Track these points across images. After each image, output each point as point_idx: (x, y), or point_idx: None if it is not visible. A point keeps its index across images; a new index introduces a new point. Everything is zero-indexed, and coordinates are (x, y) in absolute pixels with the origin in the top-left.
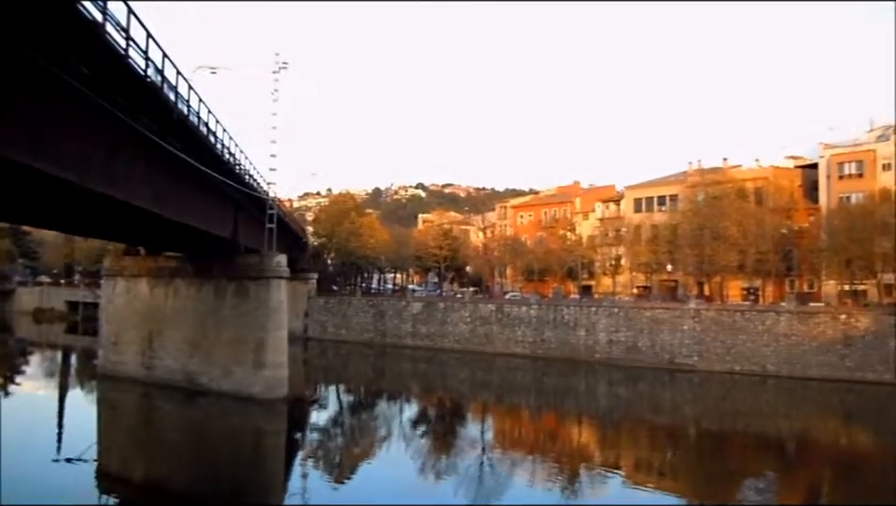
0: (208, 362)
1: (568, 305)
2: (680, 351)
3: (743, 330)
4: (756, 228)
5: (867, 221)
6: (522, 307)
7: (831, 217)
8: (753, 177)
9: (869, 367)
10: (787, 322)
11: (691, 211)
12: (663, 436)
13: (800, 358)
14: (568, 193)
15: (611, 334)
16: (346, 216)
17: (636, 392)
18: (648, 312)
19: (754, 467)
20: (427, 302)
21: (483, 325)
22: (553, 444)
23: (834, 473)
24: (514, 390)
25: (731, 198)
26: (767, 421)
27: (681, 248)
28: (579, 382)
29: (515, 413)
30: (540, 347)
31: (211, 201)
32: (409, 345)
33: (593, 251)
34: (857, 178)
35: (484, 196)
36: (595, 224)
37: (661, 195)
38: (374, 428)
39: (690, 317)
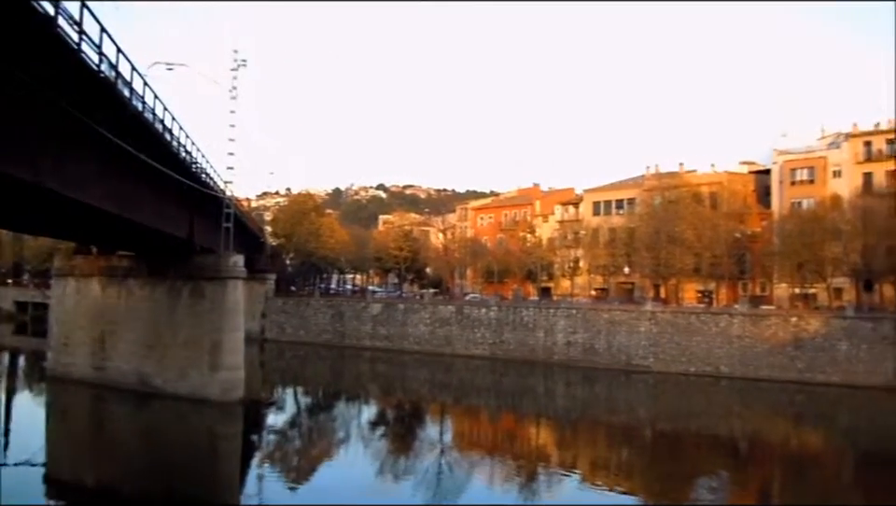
0: (162, 364)
1: (528, 307)
2: (637, 352)
3: (697, 331)
4: (711, 232)
5: (818, 226)
6: (481, 309)
7: (783, 222)
8: (708, 182)
9: (818, 368)
10: (740, 324)
11: (647, 215)
12: (619, 436)
13: (752, 360)
14: (528, 196)
15: (569, 336)
16: (306, 216)
17: (593, 393)
18: (605, 314)
19: (707, 466)
20: (386, 303)
21: (442, 326)
22: (511, 445)
23: (784, 473)
24: (473, 391)
25: (686, 202)
26: (720, 421)
27: (638, 251)
28: (537, 383)
29: (474, 414)
30: (500, 349)
31: (166, 199)
32: (368, 347)
33: (552, 253)
34: (808, 184)
35: (445, 198)
36: (555, 226)
37: (619, 199)
38: (332, 430)
39: (646, 319)
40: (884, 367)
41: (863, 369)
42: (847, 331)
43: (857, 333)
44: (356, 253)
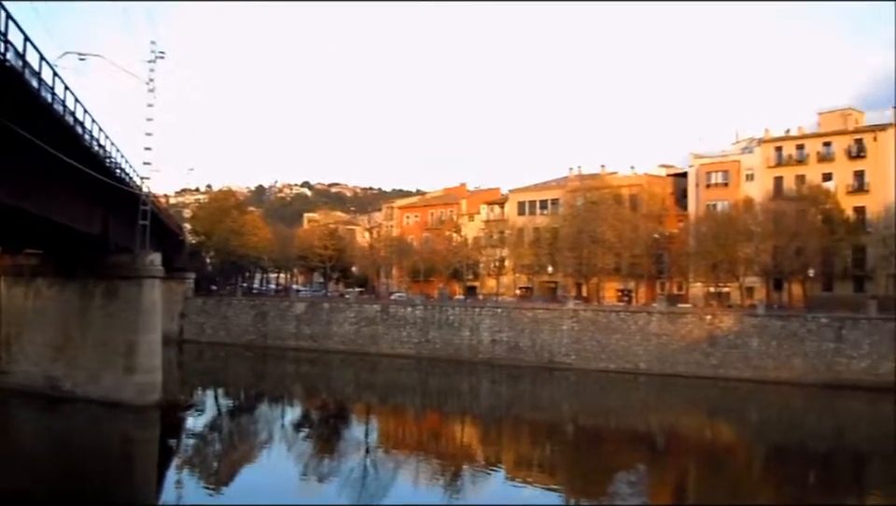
0: (73, 367)
1: (453, 306)
2: (559, 350)
3: (617, 329)
4: (631, 232)
5: (731, 228)
6: (407, 308)
7: (698, 224)
8: (629, 184)
9: (731, 365)
10: (658, 322)
11: (571, 215)
12: (542, 432)
13: (669, 357)
14: (455, 195)
15: (494, 334)
16: (227, 213)
17: (517, 390)
18: (529, 312)
19: (626, 461)
20: (311, 302)
21: (368, 326)
22: (436, 443)
23: (699, 465)
24: (399, 391)
25: (608, 203)
26: (638, 417)
27: (561, 251)
28: (462, 381)
29: (399, 413)
30: (425, 348)
31: (77, 195)
32: (292, 347)
33: (478, 252)
34: (723, 187)
35: (371, 196)
36: (481, 226)
37: (543, 199)
38: (255, 433)
39: (568, 318)
40: (792, 363)
41: (773, 365)
42: (757, 329)
43: (767, 331)
44: (279, 252)
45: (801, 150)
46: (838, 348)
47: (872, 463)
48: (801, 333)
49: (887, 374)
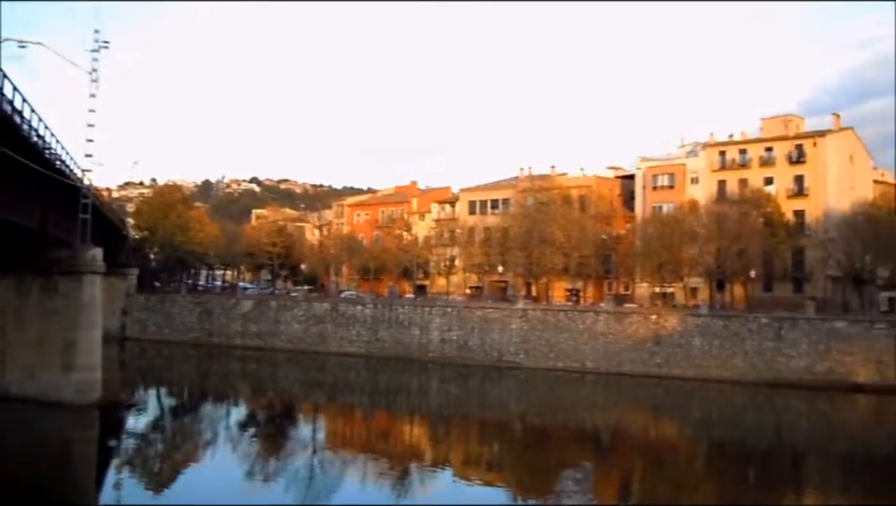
0: (8, 365)
1: (403, 305)
2: (509, 349)
3: (566, 328)
4: (579, 233)
5: (676, 230)
6: (357, 306)
7: (645, 225)
8: (578, 185)
9: (675, 363)
10: (605, 322)
11: (521, 215)
12: (491, 431)
13: (616, 355)
14: (406, 194)
15: (444, 333)
16: (172, 208)
17: (466, 389)
18: (479, 311)
19: (574, 458)
20: (258, 300)
21: (316, 324)
22: (385, 442)
23: (644, 462)
24: (348, 390)
25: (557, 204)
26: (585, 414)
27: (512, 250)
28: (412, 380)
29: (348, 412)
30: (375, 346)
31: (14, 187)
32: (238, 345)
33: (428, 251)
34: (669, 190)
35: (321, 193)
36: (431, 225)
37: (494, 199)
38: (199, 432)
39: (518, 317)
40: (733, 362)
41: (715, 364)
42: (700, 329)
43: (709, 330)
44: (226, 248)
45: (744, 155)
46: (777, 348)
47: (808, 459)
48: (742, 333)
49: (824, 373)
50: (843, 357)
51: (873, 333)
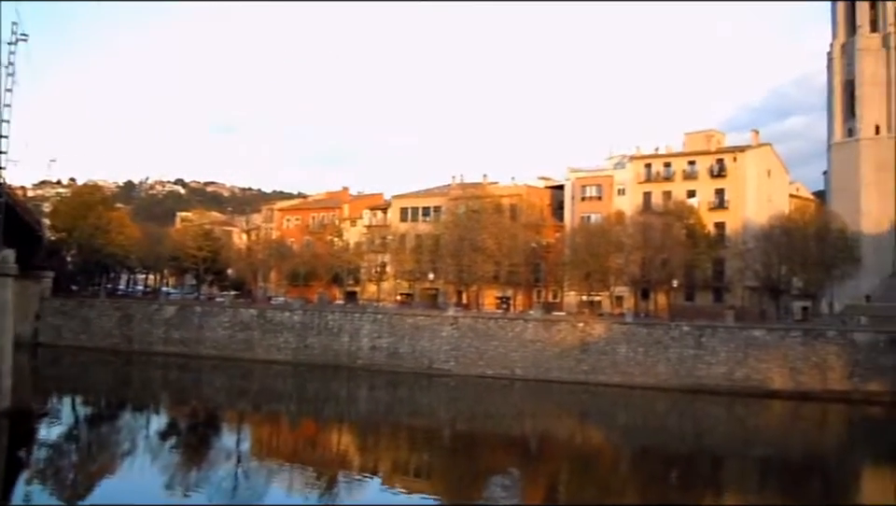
0: None
1: (333, 311)
2: (439, 356)
3: (495, 336)
4: (510, 241)
5: (603, 239)
6: (285, 312)
7: (573, 235)
8: (509, 194)
9: (601, 371)
10: (533, 329)
11: (452, 223)
12: (420, 438)
13: (544, 363)
14: (337, 199)
15: (374, 340)
16: (92, 209)
17: (395, 397)
18: (410, 318)
19: (502, 464)
20: (182, 305)
21: (243, 330)
22: (312, 451)
23: (570, 467)
24: (274, 398)
25: (489, 212)
26: (514, 421)
27: (443, 258)
28: (340, 388)
29: (274, 421)
30: (303, 354)
31: None
32: (160, 352)
33: (359, 258)
34: (596, 200)
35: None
36: (363, 231)
37: (426, 206)
38: (116, 443)
39: (448, 324)
40: (657, 369)
41: (639, 370)
42: (626, 336)
43: (634, 338)
44: (149, 252)
45: (668, 168)
46: (698, 355)
47: (727, 462)
48: (665, 341)
49: (742, 380)
50: (760, 364)
51: (787, 341)
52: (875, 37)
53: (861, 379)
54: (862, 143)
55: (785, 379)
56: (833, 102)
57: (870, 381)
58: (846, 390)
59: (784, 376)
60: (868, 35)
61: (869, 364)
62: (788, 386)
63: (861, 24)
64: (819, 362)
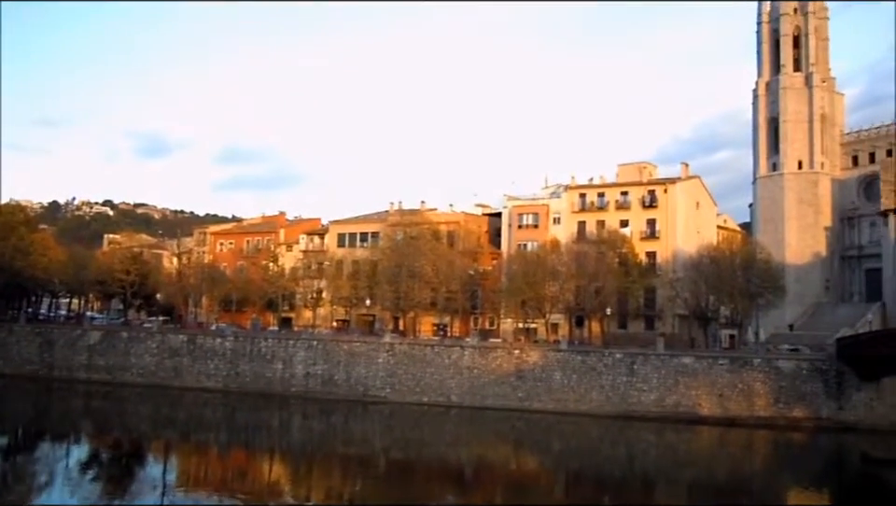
0: None
1: (266, 337)
2: (374, 384)
3: (432, 363)
4: (447, 268)
5: (539, 267)
6: (216, 338)
7: (510, 262)
8: (447, 221)
9: (536, 397)
10: (470, 356)
11: (390, 249)
12: (354, 467)
13: (480, 390)
14: (273, 223)
15: (309, 367)
16: (13, 230)
17: (329, 425)
18: (345, 345)
19: (436, 493)
20: (107, 331)
21: (171, 357)
22: (242, 481)
23: (505, 495)
24: (203, 426)
25: (426, 239)
26: (449, 449)
27: (380, 284)
28: (273, 416)
29: (202, 451)
30: (235, 381)
31: None
32: (83, 379)
33: (295, 283)
34: (533, 229)
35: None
36: (299, 256)
37: (364, 232)
38: (32, 474)
39: (385, 351)
40: (590, 395)
41: (573, 397)
42: (560, 363)
43: (569, 365)
44: (73, 275)
45: (602, 198)
46: (630, 382)
47: (657, 486)
48: (599, 368)
49: (672, 406)
50: (689, 391)
51: (716, 369)
52: (798, 76)
53: (784, 405)
54: (786, 177)
55: (713, 406)
56: (759, 137)
57: (793, 407)
58: (770, 416)
59: (712, 403)
60: (791, 75)
61: (792, 391)
62: (716, 412)
63: (784, 64)
64: (746, 389)
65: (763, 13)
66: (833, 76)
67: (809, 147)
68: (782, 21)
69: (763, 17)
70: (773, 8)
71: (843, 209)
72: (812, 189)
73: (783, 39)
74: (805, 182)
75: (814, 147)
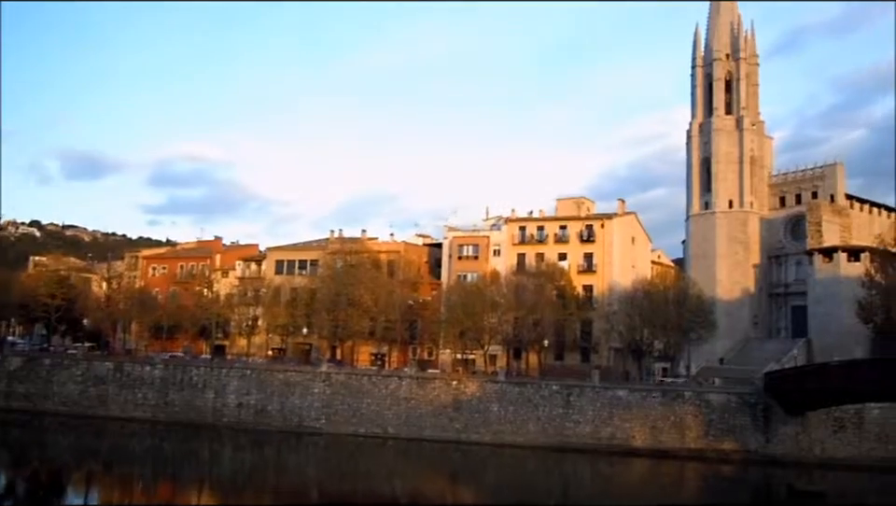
0: None
1: (198, 366)
2: (309, 414)
3: (369, 393)
4: (387, 297)
5: (479, 298)
6: (145, 366)
7: (449, 293)
8: (388, 250)
9: (473, 429)
10: (408, 387)
11: (329, 277)
12: (285, 500)
13: (417, 421)
14: (209, 249)
15: (242, 397)
16: None
17: (262, 456)
18: (280, 374)
19: None
20: (28, 357)
21: (97, 385)
22: None
23: None
24: (128, 458)
25: (366, 268)
26: (384, 482)
27: (318, 312)
28: (202, 447)
29: (126, 483)
30: (163, 411)
31: None
32: (1, 407)
33: (230, 310)
34: (473, 260)
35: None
36: (235, 283)
37: (302, 259)
38: None
39: (321, 381)
40: (527, 427)
41: (510, 429)
42: (498, 395)
43: (506, 397)
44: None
45: (541, 231)
46: (566, 414)
47: None
48: (535, 399)
49: (607, 438)
50: (623, 423)
51: (649, 401)
52: (730, 119)
53: (714, 438)
54: (717, 216)
55: (646, 438)
56: (692, 176)
57: (723, 440)
58: (701, 449)
59: (645, 435)
60: (723, 117)
61: (722, 424)
62: (649, 444)
63: (717, 107)
64: (678, 422)
65: (697, 57)
66: (762, 119)
67: (739, 187)
68: (715, 66)
69: (698, 61)
70: (706, 53)
71: (771, 247)
72: (742, 227)
73: (716, 83)
74: (736, 221)
75: (744, 188)
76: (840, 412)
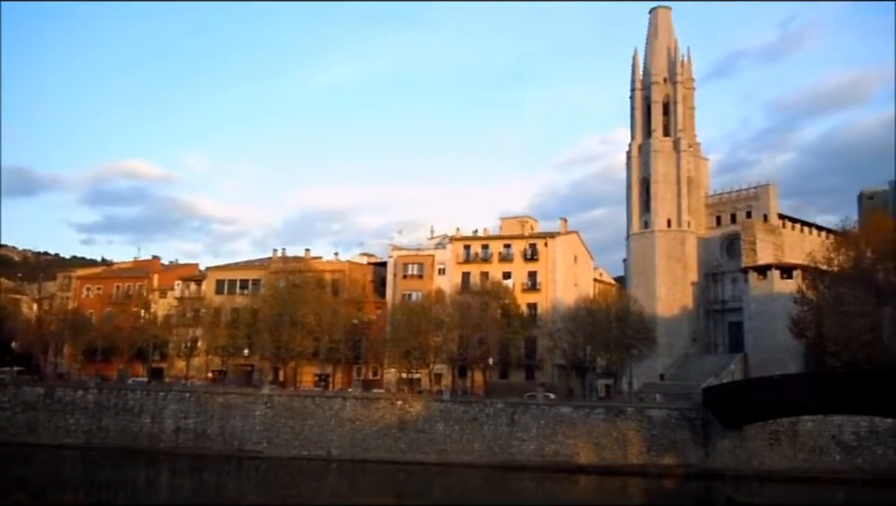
0: None
1: (134, 389)
2: (250, 437)
3: (312, 415)
4: (331, 317)
5: (424, 317)
6: (78, 391)
7: (394, 312)
8: (332, 269)
9: (419, 449)
10: (352, 407)
11: (272, 296)
12: None
13: (361, 442)
14: (146, 269)
15: (180, 421)
16: None
17: (200, 482)
18: (220, 397)
19: None
20: None
21: (25, 411)
22: None
23: None
24: (59, 486)
25: (310, 287)
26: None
27: (260, 333)
28: (138, 473)
29: None
30: (97, 437)
31: None
32: None
33: (168, 331)
34: (418, 279)
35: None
36: (174, 303)
37: (244, 278)
38: None
39: (262, 403)
40: (472, 446)
41: (456, 448)
42: (443, 414)
43: (452, 415)
44: None
45: (486, 250)
46: (511, 432)
47: None
48: (481, 418)
49: (551, 456)
50: (567, 440)
51: (592, 418)
52: (668, 141)
53: (656, 453)
54: (656, 234)
55: (590, 454)
56: (632, 196)
57: (664, 455)
58: (643, 464)
59: (590, 452)
60: (661, 139)
61: (664, 439)
62: (593, 460)
63: (655, 129)
64: (620, 438)
65: (636, 80)
66: (698, 141)
67: (677, 206)
68: (653, 88)
69: (637, 84)
70: (645, 77)
71: (708, 265)
72: (680, 246)
73: (654, 106)
74: (674, 240)
75: (681, 207)
76: (775, 425)
